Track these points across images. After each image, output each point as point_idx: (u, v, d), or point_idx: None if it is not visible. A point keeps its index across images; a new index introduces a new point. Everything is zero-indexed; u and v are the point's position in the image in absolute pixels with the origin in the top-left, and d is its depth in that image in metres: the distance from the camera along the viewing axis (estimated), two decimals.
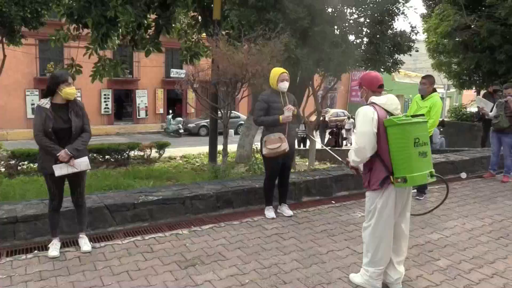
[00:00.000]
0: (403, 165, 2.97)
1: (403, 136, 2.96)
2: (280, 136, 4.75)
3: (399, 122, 2.95)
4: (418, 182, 3.05)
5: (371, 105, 3.14)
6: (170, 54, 26.71)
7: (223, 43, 7.31)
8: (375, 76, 3.31)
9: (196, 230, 4.52)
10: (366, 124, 3.06)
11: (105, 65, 11.09)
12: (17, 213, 4.24)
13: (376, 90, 3.27)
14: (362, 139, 3.08)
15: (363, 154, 3.11)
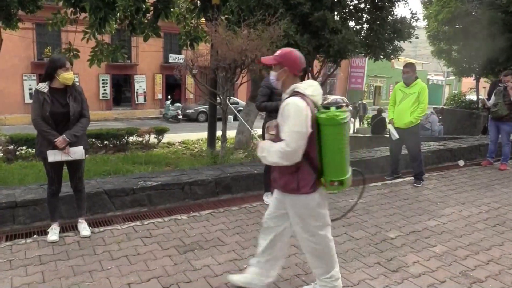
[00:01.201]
0: (339, 167, 2.61)
1: (341, 136, 2.57)
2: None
3: (342, 121, 2.53)
4: (348, 184, 2.69)
5: (302, 97, 2.60)
6: (169, 39, 26.51)
7: (223, 28, 7.25)
8: (300, 56, 2.75)
9: (195, 216, 4.54)
10: (301, 123, 2.53)
11: (103, 49, 11.00)
12: (16, 198, 4.26)
13: (298, 74, 2.76)
14: (297, 140, 2.53)
15: (294, 158, 2.58)
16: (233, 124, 15.71)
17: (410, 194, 5.58)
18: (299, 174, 2.67)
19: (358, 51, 9.78)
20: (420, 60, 44.53)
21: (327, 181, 2.62)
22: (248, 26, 7.45)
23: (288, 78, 2.72)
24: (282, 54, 2.74)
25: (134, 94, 27.88)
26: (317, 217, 2.77)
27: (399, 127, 5.97)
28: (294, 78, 2.73)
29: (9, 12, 10.13)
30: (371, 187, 5.88)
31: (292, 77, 2.72)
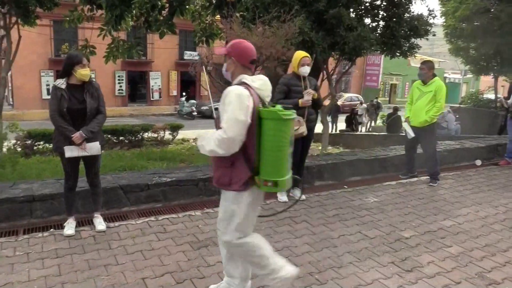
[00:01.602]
0: (276, 167, 2.45)
1: (282, 133, 2.42)
2: (299, 120, 4.73)
3: (285, 117, 2.40)
4: (287, 186, 2.54)
5: (246, 87, 2.49)
6: (184, 36, 26.61)
7: (237, 25, 7.25)
8: (249, 47, 2.61)
9: (209, 212, 4.56)
10: (241, 111, 2.39)
11: (119, 46, 11.09)
12: (33, 192, 4.33)
13: (248, 66, 2.61)
14: (234, 128, 2.39)
15: (230, 147, 2.43)
16: None
17: (425, 193, 5.52)
18: (233, 170, 2.53)
19: (374, 49, 9.68)
20: (437, 58, 43.92)
21: (261, 180, 2.46)
22: (263, 23, 7.43)
23: (237, 69, 2.60)
24: (230, 45, 2.64)
25: (149, 90, 28.10)
26: (243, 218, 2.60)
27: (414, 125, 5.89)
28: (244, 69, 2.60)
29: (27, 9, 10.25)
30: (385, 185, 5.84)
31: (241, 68, 2.60)
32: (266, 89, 2.59)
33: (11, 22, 10.40)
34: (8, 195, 4.21)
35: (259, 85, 2.55)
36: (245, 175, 2.49)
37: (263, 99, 2.55)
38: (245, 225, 2.64)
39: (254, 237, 2.71)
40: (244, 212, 2.59)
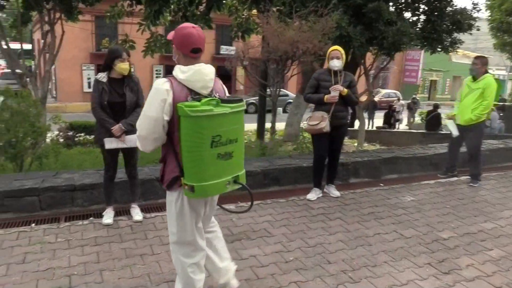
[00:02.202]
0: (192, 170, 2.19)
1: (195, 133, 2.14)
2: (323, 115, 4.69)
3: (193, 114, 2.10)
4: (210, 193, 2.30)
5: (169, 79, 2.28)
6: (221, 31, 26.76)
7: (274, 19, 7.23)
8: (189, 34, 2.29)
9: (242, 206, 4.59)
10: (153, 107, 2.23)
11: (157, 41, 11.29)
12: (75, 181, 4.49)
13: (189, 55, 2.31)
14: (144, 125, 2.27)
15: (145, 145, 2.34)
16: (282, 116, 15.66)
17: (465, 194, 5.34)
18: (166, 167, 2.40)
19: (414, 44, 9.41)
20: (480, 53, 42.26)
21: (183, 183, 2.26)
22: (300, 17, 7.37)
23: (180, 59, 2.35)
24: (174, 31, 2.37)
25: None
26: (174, 220, 2.44)
27: (459, 123, 5.67)
28: (187, 58, 2.32)
29: (70, 5, 10.62)
30: (423, 184, 5.69)
31: (183, 57, 2.33)
32: (199, 80, 2.27)
33: (55, 18, 10.79)
34: (51, 183, 4.39)
35: (187, 77, 2.25)
36: (174, 174, 2.33)
37: (198, 91, 2.26)
38: (178, 229, 2.45)
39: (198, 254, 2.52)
40: (173, 214, 2.42)
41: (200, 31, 2.33)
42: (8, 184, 4.32)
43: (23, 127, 5.77)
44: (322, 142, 4.87)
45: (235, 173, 2.32)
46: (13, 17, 13.62)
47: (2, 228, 3.88)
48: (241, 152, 2.37)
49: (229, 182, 2.29)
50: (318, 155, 4.95)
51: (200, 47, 2.32)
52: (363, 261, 3.42)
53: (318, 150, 4.95)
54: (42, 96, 10.24)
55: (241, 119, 2.32)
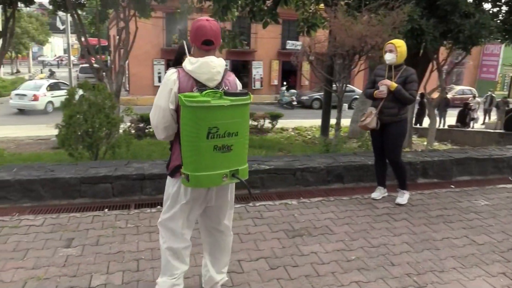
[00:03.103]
0: (189, 159, 2.23)
1: (192, 123, 2.16)
2: (372, 111, 4.52)
3: (189, 104, 2.13)
4: (205, 184, 2.30)
5: (178, 70, 2.34)
6: (287, 26, 26.67)
7: (342, 13, 7.09)
8: (201, 26, 2.31)
9: (305, 202, 4.57)
10: (161, 96, 2.32)
11: (224, 36, 11.51)
12: (144, 171, 4.70)
13: (201, 48, 2.34)
14: (155, 114, 2.35)
15: (158, 134, 2.41)
16: (347, 113, 15.38)
17: None
18: (172, 154, 2.46)
19: (494, 37, 8.80)
20: None
21: (181, 171, 2.30)
22: (369, 11, 7.16)
23: (195, 52, 2.39)
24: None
25: (251, 79, 28.78)
26: (168, 207, 2.50)
27: None
28: (199, 51, 2.36)
29: (144, 2, 11.13)
30: (499, 188, 5.32)
31: (197, 50, 2.37)
32: (206, 72, 2.28)
33: (129, 15, 11.36)
34: (123, 172, 4.63)
35: (194, 68, 2.28)
36: (176, 162, 2.38)
37: (204, 83, 2.27)
38: (167, 213, 2.52)
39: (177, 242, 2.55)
40: (170, 201, 2.49)
41: (213, 23, 2.34)
42: (85, 171, 4.63)
43: (99, 118, 6.15)
44: (374, 139, 4.76)
45: (234, 167, 2.31)
46: (92, 15, 14.51)
47: (79, 212, 4.16)
48: (243, 147, 2.36)
49: (226, 176, 2.28)
50: (374, 153, 4.84)
51: (212, 39, 2.32)
52: (429, 266, 3.27)
53: (373, 147, 4.85)
54: (116, 89, 10.84)
55: (243, 113, 2.32)
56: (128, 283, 2.92)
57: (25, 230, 3.71)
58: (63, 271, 3.05)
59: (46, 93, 19.72)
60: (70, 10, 11.13)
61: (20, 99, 19.27)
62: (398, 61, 4.44)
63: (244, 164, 2.40)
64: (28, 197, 4.37)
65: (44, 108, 19.48)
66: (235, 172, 2.32)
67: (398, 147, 4.63)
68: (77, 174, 4.51)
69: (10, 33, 10.45)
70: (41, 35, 39.23)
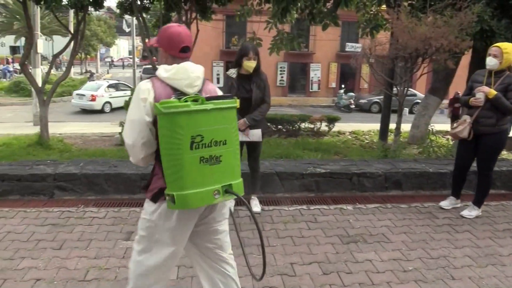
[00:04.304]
0: (172, 176, 1.90)
1: (171, 132, 1.86)
2: (466, 119, 4.24)
3: (166, 111, 1.85)
4: (194, 203, 1.91)
5: (152, 80, 2.07)
6: (347, 28, 26.26)
7: (405, 15, 6.85)
8: (176, 32, 2.12)
9: (360, 208, 4.47)
10: (135, 109, 2.02)
11: (283, 38, 11.52)
12: None
13: (178, 55, 2.13)
14: (128, 131, 2.04)
15: (134, 155, 2.06)
16: (408, 117, 14.85)
17: None
18: (153, 175, 2.12)
19: None
20: None
21: (165, 193, 1.95)
22: (435, 11, 6.87)
23: (169, 61, 2.14)
24: (158, 33, 2.19)
25: (308, 81, 28.63)
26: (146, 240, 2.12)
27: None
28: (176, 60, 2.12)
29: (205, 5, 11.41)
30: None
31: (172, 58, 2.13)
32: (185, 77, 2.06)
33: (191, 18, 11.68)
34: None
35: (171, 75, 2.05)
36: (159, 184, 2.03)
37: (183, 90, 2.04)
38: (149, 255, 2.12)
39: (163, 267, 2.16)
40: (150, 231, 2.09)
41: (186, 29, 2.18)
42: (145, 168, 4.79)
43: None
44: (461, 149, 4.44)
45: (226, 181, 1.98)
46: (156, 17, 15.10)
47: (138, 207, 4.31)
48: (234, 157, 2.02)
49: (218, 192, 1.95)
50: (455, 163, 4.54)
51: (189, 45, 2.15)
52: (494, 282, 3.08)
53: (456, 157, 4.55)
54: None
55: (230, 118, 2.01)
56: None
57: (89, 222, 3.92)
58: (122, 262, 3.19)
59: (104, 94, 20.59)
60: (135, 13, 11.64)
61: (80, 99, 20.30)
62: (501, 67, 4.07)
63: (238, 178, 2.05)
64: (93, 191, 4.62)
65: (101, 108, 20.32)
66: (228, 187, 1.99)
67: (492, 160, 4.30)
68: (138, 170, 4.70)
69: (81, 36, 11.09)
70: (108, 37, 41.35)
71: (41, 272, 3.03)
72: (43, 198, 4.56)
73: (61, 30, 28.68)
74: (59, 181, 4.60)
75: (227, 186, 1.98)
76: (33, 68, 14.80)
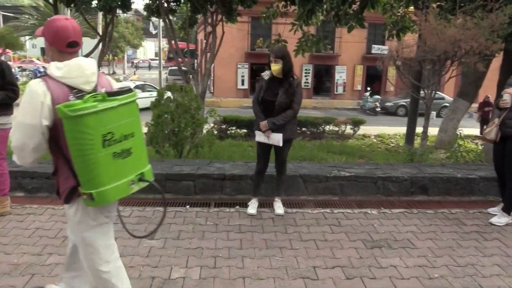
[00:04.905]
0: (88, 176, 1.94)
1: (81, 134, 1.87)
2: (495, 121, 4.17)
3: (73, 114, 1.83)
4: (113, 197, 2.01)
5: (44, 79, 1.98)
6: (373, 30, 25.96)
7: (434, 16, 6.71)
8: (63, 26, 2.04)
9: (385, 212, 4.40)
10: (28, 113, 1.94)
11: (308, 40, 11.46)
12: (225, 171, 4.83)
13: (65, 50, 2.06)
14: (18, 134, 1.97)
15: (22, 159, 2.03)
16: (435, 121, 14.55)
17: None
18: (59, 178, 2.11)
19: None
20: None
21: (81, 192, 1.99)
22: (465, 13, 6.71)
23: (55, 56, 2.08)
24: (44, 25, 2.10)
25: (333, 84, 28.41)
26: (84, 240, 2.16)
27: None
28: (63, 55, 2.06)
29: (231, 7, 11.47)
30: None
31: (58, 53, 2.07)
32: (80, 75, 2.02)
33: (217, 20, 11.77)
34: (205, 171, 4.80)
35: (65, 73, 1.99)
36: (70, 184, 2.05)
37: (80, 87, 2.01)
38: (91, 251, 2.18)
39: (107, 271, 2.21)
40: (80, 231, 2.15)
41: (74, 23, 2.10)
42: (170, 168, 4.87)
43: (185, 118, 6.42)
44: (494, 152, 4.37)
45: (139, 170, 2.10)
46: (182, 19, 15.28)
47: (162, 207, 4.38)
48: (141, 147, 2.14)
49: (133, 182, 2.07)
50: (494, 167, 4.46)
51: (77, 40, 2.08)
52: None
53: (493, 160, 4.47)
54: (202, 91, 11.27)
55: (134, 111, 2.09)
56: (205, 279, 3.01)
57: (114, 220, 3.98)
58: (146, 261, 3.23)
59: None
60: (162, 15, 11.80)
61: None
62: None
63: (147, 166, 2.18)
64: None
65: None
66: (141, 175, 2.12)
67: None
68: (163, 170, 4.76)
69: (109, 37, 11.33)
70: (135, 39, 42.10)
71: None
72: None
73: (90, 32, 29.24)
74: None
75: (140, 174, 2.10)
76: None
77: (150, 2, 12.15)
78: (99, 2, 9.93)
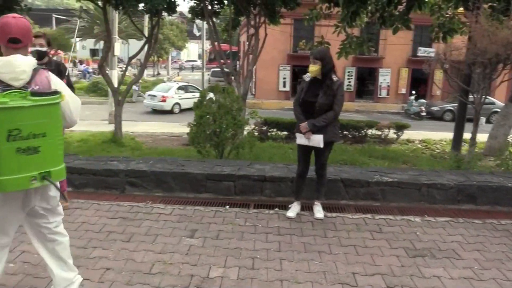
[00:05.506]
0: None
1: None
2: None
3: None
4: (10, 187, 2.16)
5: None
6: (419, 31, 25.18)
7: (485, 17, 6.45)
8: (5, 23, 2.25)
9: (429, 220, 4.25)
10: None
11: (352, 42, 11.29)
12: (265, 173, 4.84)
13: (9, 46, 2.26)
14: None
15: None
16: (485, 127, 13.95)
17: None
18: None
19: None
20: None
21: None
22: None
23: (3, 50, 2.28)
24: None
25: (377, 87, 27.82)
26: None
27: None
28: (8, 50, 2.27)
29: (274, 10, 11.49)
30: None
31: (5, 49, 2.28)
32: (9, 71, 2.18)
33: (259, 22, 11.82)
34: (246, 172, 4.82)
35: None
36: None
37: (8, 82, 2.17)
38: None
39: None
40: None
41: (20, 20, 2.28)
42: (211, 168, 4.93)
43: (226, 119, 6.50)
44: None
45: (44, 169, 2.24)
46: (225, 22, 15.47)
47: (203, 206, 4.44)
48: (55, 148, 2.28)
49: (35, 178, 2.21)
50: None
51: (18, 37, 2.26)
52: None
53: None
54: (243, 93, 11.36)
55: (51, 113, 2.24)
56: (243, 279, 3.02)
57: (156, 217, 4.08)
58: (186, 259, 3.28)
59: (174, 95, 21.35)
60: (206, 18, 11.99)
61: (151, 100, 21.24)
62: None
63: (59, 165, 2.33)
64: (161, 188, 4.80)
65: (171, 109, 21.07)
66: (46, 174, 2.26)
67: None
68: (204, 170, 4.82)
69: (155, 39, 11.63)
70: (180, 41, 42.94)
71: (110, 262, 3.19)
72: (115, 192, 4.81)
73: (136, 34, 30.31)
74: (130, 177, 4.83)
75: (45, 173, 2.25)
76: (110, 69, 15.74)
77: (194, 5, 12.38)
78: (145, 5, 10.22)
